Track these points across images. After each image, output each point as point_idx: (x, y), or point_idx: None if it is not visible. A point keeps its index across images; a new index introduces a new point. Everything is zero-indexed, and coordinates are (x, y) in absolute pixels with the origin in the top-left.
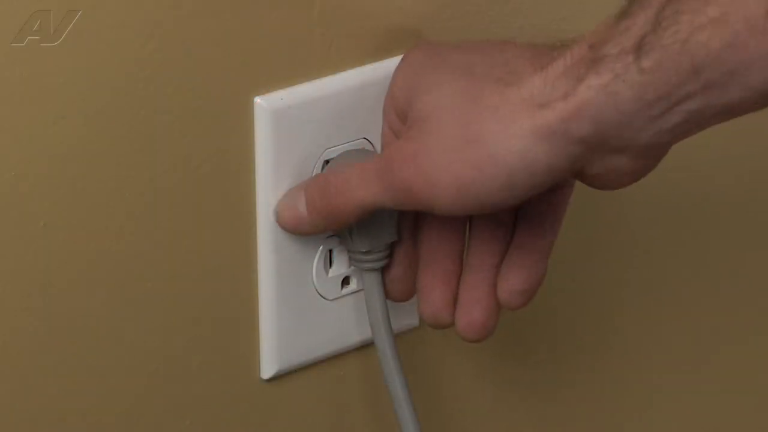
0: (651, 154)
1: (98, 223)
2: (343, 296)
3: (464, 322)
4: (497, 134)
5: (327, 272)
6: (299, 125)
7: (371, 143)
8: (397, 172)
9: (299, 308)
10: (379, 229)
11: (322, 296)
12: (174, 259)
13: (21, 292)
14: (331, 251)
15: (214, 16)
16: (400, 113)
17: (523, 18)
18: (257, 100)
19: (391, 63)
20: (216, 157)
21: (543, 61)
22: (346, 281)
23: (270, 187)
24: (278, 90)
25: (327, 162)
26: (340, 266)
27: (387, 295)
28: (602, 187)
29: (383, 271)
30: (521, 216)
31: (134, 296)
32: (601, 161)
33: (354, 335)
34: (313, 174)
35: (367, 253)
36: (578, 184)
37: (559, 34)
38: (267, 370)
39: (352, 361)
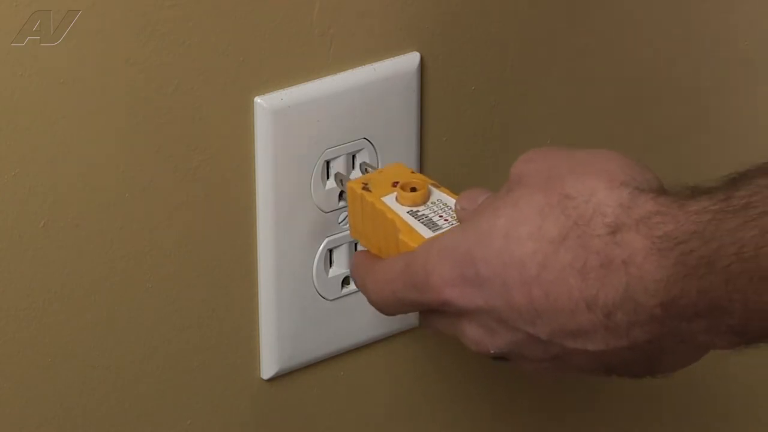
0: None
1: (98, 224)
2: (343, 296)
3: None
4: None
5: (327, 272)
6: (299, 125)
7: (371, 143)
8: None
9: (299, 308)
10: None
11: (322, 296)
12: (174, 260)
13: (21, 292)
14: (331, 251)
15: (214, 16)
16: None
17: (525, 18)
18: (257, 100)
19: (391, 63)
20: (216, 157)
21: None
22: (346, 281)
23: (270, 187)
24: (278, 90)
25: (327, 162)
26: (340, 266)
27: None
28: None
29: None
30: None
31: (134, 296)
32: None
33: (354, 335)
34: (313, 175)
35: None
36: None
37: (558, 34)
38: (267, 370)
39: (352, 361)
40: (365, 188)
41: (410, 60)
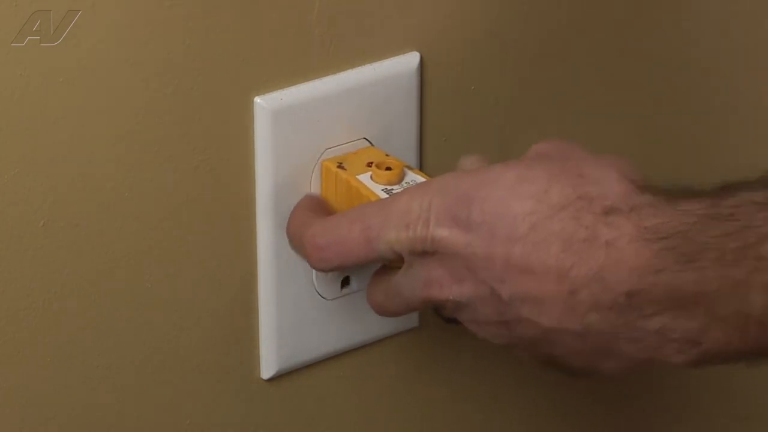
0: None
1: (98, 224)
2: (343, 296)
3: None
4: None
5: (327, 272)
6: (299, 125)
7: (371, 143)
8: None
9: (299, 308)
10: None
11: (322, 296)
12: (174, 260)
13: (21, 292)
14: None
15: (214, 16)
16: None
17: (525, 18)
18: (257, 100)
19: (391, 63)
20: (216, 156)
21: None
22: (346, 281)
23: (270, 187)
24: (278, 90)
25: None
26: None
27: None
28: None
29: None
30: None
31: (134, 296)
32: None
33: (354, 335)
34: (313, 175)
35: None
36: None
37: (558, 33)
38: (267, 370)
39: (352, 361)
40: (340, 167)
41: (410, 60)
